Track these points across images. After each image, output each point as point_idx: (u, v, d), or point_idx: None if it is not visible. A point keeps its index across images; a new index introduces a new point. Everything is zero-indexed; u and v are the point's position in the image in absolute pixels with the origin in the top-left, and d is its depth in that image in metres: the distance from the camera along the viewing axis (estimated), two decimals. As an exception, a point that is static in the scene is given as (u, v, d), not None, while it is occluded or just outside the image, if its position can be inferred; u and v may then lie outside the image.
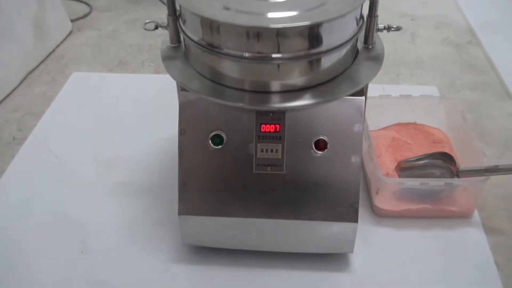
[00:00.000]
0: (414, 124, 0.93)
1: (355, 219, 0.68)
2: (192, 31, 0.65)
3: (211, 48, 0.63)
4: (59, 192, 0.87)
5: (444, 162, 0.82)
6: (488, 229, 0.80)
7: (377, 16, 0.67)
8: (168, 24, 0.70)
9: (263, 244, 0.73)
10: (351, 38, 0.65)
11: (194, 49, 0.66)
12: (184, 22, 0.67)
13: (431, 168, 0.82)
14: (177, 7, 0.68)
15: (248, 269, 0.74)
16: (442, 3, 1.48)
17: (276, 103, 0.63)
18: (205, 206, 0.69)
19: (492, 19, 1.36)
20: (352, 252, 0.72)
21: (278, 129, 0.66)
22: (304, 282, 0.72)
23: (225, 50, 0.62)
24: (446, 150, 0.86)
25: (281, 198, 0.68)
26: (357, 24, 0.66)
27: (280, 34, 0.60)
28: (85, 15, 1.47)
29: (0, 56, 1.11)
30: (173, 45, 0.72)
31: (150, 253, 0.77)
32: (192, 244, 0.76)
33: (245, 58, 0.61)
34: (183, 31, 0.67)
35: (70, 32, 1.38)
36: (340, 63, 0.66)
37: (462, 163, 0.83)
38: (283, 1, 0.63)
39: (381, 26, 0.69)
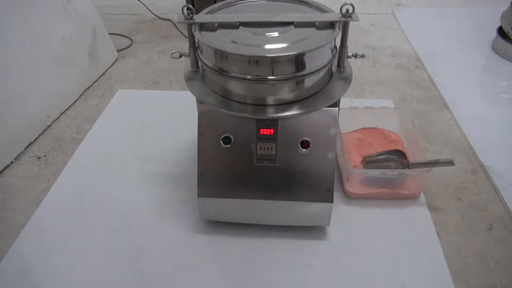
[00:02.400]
0: (375, 128, 0.93)
1: (330, 200, 0.67)
2: (207, 59, 0.65)
3: (221, 72, 0.63)
4: (108, 181, 0.87)
5: (398, 157, 0.81)
6: (431, 208, 0.80)
7: (347, 46, 0.67)
8: (189, 53, 0.69)
9: (261, 219, 0.73)
10: (327, 64, 0.65)
11: (209, 73, 0.66)
12: (201, 52, 0.67)
13: (388, 161, 0.81)
14: (196, 41, 0.68)
15: (250, 238, 0.74)
16: (396, 37, 1.47)
17: (271, 113, 0.63)
18: (218, 190, 0.69)
19: (433, 49, 1.36)
20: (328, 225, 0.72)
21: (272, 132, 0.66)
22: (292, 248, 0.72)
23: (232, 74, 0.62)
24: (399, 148, 0.86)
25: (275, 184, 0.68)
26: (332, 52, 0.66)
27: (274, 61, 0.60)
28: (128, 46, 1.47)
29: (64, 77, 1.11)
30: (193, 69, 0.71)
31: (176, 226, 0.76)
32: (208, 219, 0.76)
33: (247, 79, 0.61)
34: (201, 59, 0.67)
35: (116, 59, 1.38)
36: (319, 82, 0.66)
37: (411, 157, 0.83)
38: (277, 36, 0.63)
39: (350, 54, 0.69)
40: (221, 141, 0.67)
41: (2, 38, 0.93)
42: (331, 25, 0.65)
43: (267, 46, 0.61)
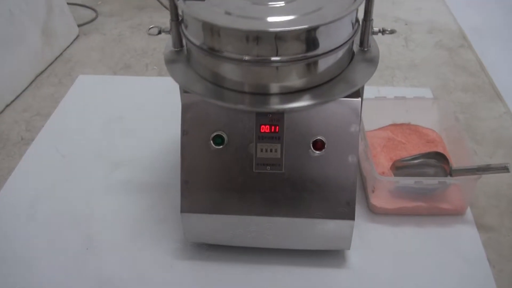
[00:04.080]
0: (409, 124, 0.93)
1: (351, 217, 0.67)
2: (194, 35, 0.65)
3: (212, 51, 0.63)
4: (65, 191, 0.87)
5: (437, 161, 0.81)
6: (480, 226, 0.80)
7: (372, 20, 0.67)
8: (171, 29, 0.69)
9: (263, 241, 0.73)
10: (347, 41, 0.65)
11: (196, 53, 0.66)
12: (186, 27, 0.67)
13: (425, 167, 0.81)
14: (180, 13, 0.68)
15: (248, 265, 0.74)
16: (435, 9, 1.47)
17: (275, 105, 0.63)
18: (207, 204, 0.69)
19: (482, 24, 1.36)
20: (349, 248, 0.72)
21: (277, 130, 0.66)
22: (302, 278, 0.72)
23: (226, 54, 0.62)
24: (439, 150, 0.86)
25: (280, 196, 0.68)
26: (353, 27, 0.66)
27: (279, 38, 0.59)
28: (91, 20, 1.47)
29: (10, 60, 1.11)
30: (176, 49, 0.71)
31: (154, 250, 0.76)
32: (195, 241, 0.75)
33: (245, 61, 0.61)
34: (185, 36, 0.67)
35: (77, 37, 1.38)
36: (336, 65, 0.66)
37: (455, 162, 0.83)
38: (282, 6, 0.63)
39: (376, 29, 0.69)
40: (211, 141, 0.67)
41: None
42: (352, -8, 0.65)
43: (270, 19, 0.61)
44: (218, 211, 0.69)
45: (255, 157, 0.67)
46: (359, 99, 0.66)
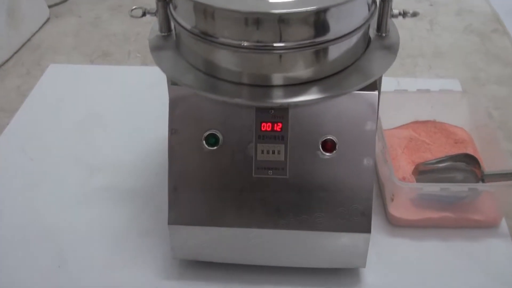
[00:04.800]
0: (434, 122, 0.93)
1: (367, 229, 0.67)
2: (184, 18, 0.65)
3: (205, 37, 0.63)
4: (34, 199, 0.87)
5: (467, 164, 0.81)
6: (517, 240, 0.80)
7: (391, 0, 0.67)
8: (157, 11, 0.69)
9: (264, 258, 0.73)
10: (362, 25, 0.65)
11: (187, 38, 0.66)
12: (175, 8, 0.67)
13: (452, 171, 0.81)
14: (167, -9, 0.68)
15: (247, 286, 0.74)
16: (464, -14, 1.48)
17: (278, 99, 0.63)
18: (199, 215, 0.69)
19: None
20: (364, 266, 0.72)
21: (280, 128, 0.66)
22: (310, 300, 0.72)
23: (221, 39, 0.62)
24: (470, 151, 0.86)
25: (284, 205, 0.68)
26: (369, 9, 0.66)
27: (283, 21, 0.59)
28: (64, 1, 1.47)
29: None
30: (163, 33, 0.71)
31: (136, 268, 0.76)
32: (184, 258, 0.75)
33: (243, 47, 0.61)
34: (174, 18, 0.67)
35: (47, 19, 1.38)
36: (350, 53, 0.66)
37: (487, 165, 0.83)
38: (286, -16, 0.63)
39: (396, 11, 0.69)
40: (204, 141, 0.67)
41: None
42: (367, -33, 0.65)
43: (273, -1, 0.61)
44: (211, 223, 0.69)
45: (255, 160, 0.67)
46: (376, 92, 0.66)
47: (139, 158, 0.94)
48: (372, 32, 0.71)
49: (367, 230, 0.67)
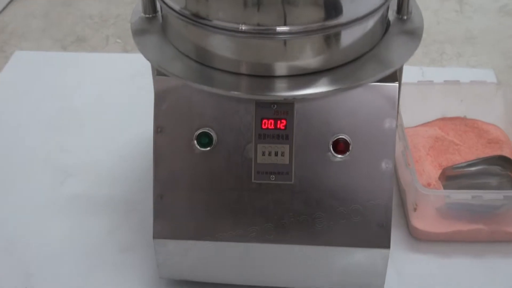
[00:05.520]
0: (464, 119, 0.93)
1: (386, 244, 0.67)
2: (171, -4, 0.65)
3: (197, 19, 0.63)
4: (-2, 209, 0.87)
5: (502, 168, 0.82)
6: (561, 257, 0.80)
7: (415, -24, 0.68)
8: (140, -12, 0.70)
9: (265, 278, 0.73)
10: (380, 6, 0.65)
11: (175, 21, 0.66)
12: (161, -16, 0.67)
13: (486, 176, 0.82)
14: (152, -35, 0.68)
15: (245, 310, 0.74)
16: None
17: (282, 91, 0.63)
18: (189, 227, 0.69)
19: None
20: (382, 286, 0.72)
21: (284, 126, 0.66)
22: (319, 327, 0.72)
23: (216, 22, 0.62)
24: (506, 153, 0.86)
25: (289, 216, 0.68)
26: (389, -13, 0.66)
27: (287, 1, 0.59)
28: (32, -24, 1.47)
29: None
30: (147, 15, 0.71)
31: (116, 288, 0.76)
32: (172, 278, 0.76)
33: (241, 32, 0.61)
34: (160, -3, 0.67)
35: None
36: (365, 38, 0.66)
37: (527, 170, 0.83)
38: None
39: (420, -10, 0.69)
40: (196, 141, 0.67)
41: None
42: None
43: (276, -25, 0.61)
44: (203, 237, 0.69)
45: (255, 163, 0.67)
46: (397, 84, 0.66)
47: (119, 161, 0.94)
48: (391, 15, 0.71)
49: (386, 245, 0.67)
